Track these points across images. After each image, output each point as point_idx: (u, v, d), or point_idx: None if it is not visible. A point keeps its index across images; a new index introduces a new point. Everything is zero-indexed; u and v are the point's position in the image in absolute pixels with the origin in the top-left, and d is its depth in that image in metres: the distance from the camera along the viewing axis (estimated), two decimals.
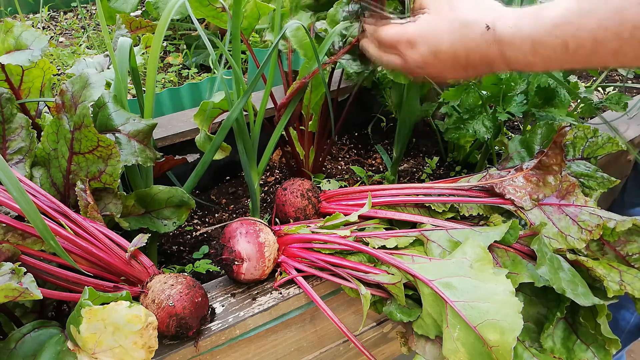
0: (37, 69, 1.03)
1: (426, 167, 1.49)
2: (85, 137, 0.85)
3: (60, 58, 2.14)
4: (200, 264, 1.12)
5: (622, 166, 1.47)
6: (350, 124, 1.70)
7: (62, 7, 2.97)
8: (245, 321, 0.89)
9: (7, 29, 0.98)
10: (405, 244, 0.92)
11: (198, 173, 1.01)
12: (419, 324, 0.82)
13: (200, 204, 1.37)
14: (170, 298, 0.79)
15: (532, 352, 0.80)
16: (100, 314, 0.69)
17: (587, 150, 1.01)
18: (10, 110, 0.93)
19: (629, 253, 0.90)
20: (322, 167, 1.40)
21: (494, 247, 0.88)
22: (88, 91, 0.85)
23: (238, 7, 0.91)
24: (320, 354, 1.07)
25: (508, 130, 1.68)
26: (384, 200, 1.03)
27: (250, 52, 1.27)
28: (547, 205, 0.97)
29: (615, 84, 1.82)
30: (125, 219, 0.95)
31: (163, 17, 0.85)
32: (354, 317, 1.06)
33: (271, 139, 1.08)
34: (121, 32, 1.18)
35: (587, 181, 1.00)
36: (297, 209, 1.07)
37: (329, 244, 0.94)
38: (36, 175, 0.93)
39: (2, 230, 0.80)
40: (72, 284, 0.81)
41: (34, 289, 0.68)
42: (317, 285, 0.95)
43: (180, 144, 1.36)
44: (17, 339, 0.74)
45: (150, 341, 0.74)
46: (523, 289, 0.86)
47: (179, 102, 1.63)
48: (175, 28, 2.40)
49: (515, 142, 1.09)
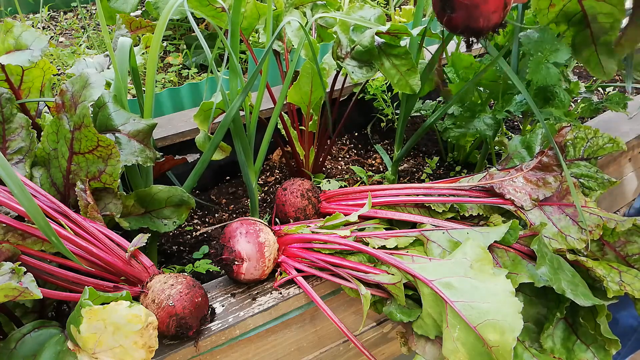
0: (37, 69, 1.03)
1: (426, 167, 1.49)
2: (85, 137, 0.85)
3: (60, 58, 2.14)
4: (200, 264, 1.12)
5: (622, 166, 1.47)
6: (351, 124, 1.70)
7: (62, 7, 2.97)
8: (245, 321, 0.89)
9: (7, 29, 0.98)
10: (405, 244, 0.92)
11: (198, 172, 1.01)
12: (419, 324, 0.82)
13: (200, 204, 1.37)
14: (170, 298, 0.79)
15: (532, 352, 0.80)
16: (100, 314, 0.69)
17: (588, 151, 1.01)
18: (10, 110, 0.93)
19: (629, 253, 0.90)
20: (322, 167, 1.40)
21: (494, 247, 0.88)
22: (88, 91, 0.85)
23: (238, 4, 0.91)
24: (320, 354, 1.07)
25: (508, 130, 1.68)
26: (384, 200, 1.03)
27: (250, 51, 1.27)
28: (547, 205, 0.97)
29: (616, 84, 1.82)
30: (125, 218, 0.95)
31: (162, 16, 0.85)
32: (354, 317, 1.06)
33: (265, 136, 1.08)
34: (121, 32, 1.18)
35: (587, 182, 1.00)
36: (297, 209, 1.07)
37: (329, 244, 0.94)
38: (36, 175, 0.93)
39: (2, 230, 0.80)
40: (72, 284, 0.81)
41: (34, 289, 0.68)
42: (317, 285, 0.95)
43: (180, 144, 1.36)
44: (17, 339, 0.74)
45: (150, 341, 0.74)
46: (523, 289, 0.86)
47: (179, 102, 1.63)
48: (175, 28, 2.40)
49: (515, 142, 1.09)
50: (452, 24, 0.84)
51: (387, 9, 2.66)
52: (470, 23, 0.81)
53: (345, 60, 1.14)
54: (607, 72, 1.04)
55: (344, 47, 1.15)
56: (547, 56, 1.06)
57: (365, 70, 1.12)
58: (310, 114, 1.25)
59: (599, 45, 1.02)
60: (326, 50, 1.69)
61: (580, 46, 1.05)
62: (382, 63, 1.11)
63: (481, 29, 0.82)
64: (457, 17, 0.82)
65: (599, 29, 1.00)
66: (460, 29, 0.84)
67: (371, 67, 1.12)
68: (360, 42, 1.10)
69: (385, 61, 1.10)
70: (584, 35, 1.03)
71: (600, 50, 1.02)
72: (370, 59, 1.11)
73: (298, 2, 1.37)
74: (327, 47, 1.69)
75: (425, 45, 1.32)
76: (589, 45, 1.03)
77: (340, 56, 1.15)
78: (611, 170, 1.43)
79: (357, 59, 1.12)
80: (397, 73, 1.10)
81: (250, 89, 0.95)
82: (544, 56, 1.06)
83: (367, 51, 1.09)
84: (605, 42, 1.01)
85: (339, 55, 1.15)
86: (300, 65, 1.18)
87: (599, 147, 1.00)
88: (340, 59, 1.15)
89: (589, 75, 2.10)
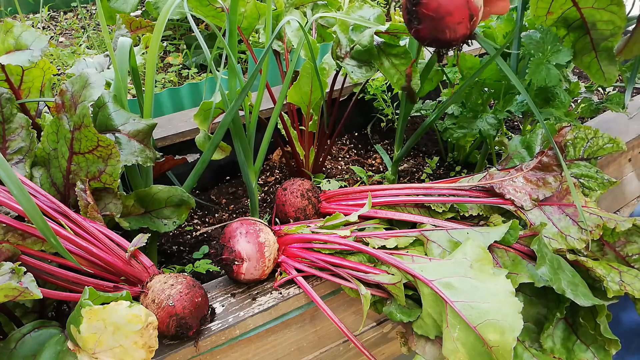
0: (37, 69, 1.03)
1: (426, 167, 1.49)
2: (85, 137, 0.85)
3: (60, 58, 2.14)
4: (200, 264, 1.12)
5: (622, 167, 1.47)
6: (351, 124, 1.70)
7: (62, 7, 2.97)
8: (245, 321, 0.89)
9: (7, 29, 0.98)
10: (405, 244, 0.92)
11: (198, 172, 1.01)
12: (419, 324, 0.82)
13: (200, 204, 1.37)
14: (170, 298, 0.79)
15: (532, 352, 0.80)
16: (100, 314, 0.69)
17: (588, 151, 1.01)
18: (10, 110, 0.93)
19: (629, 253, 0.90)
20: (322, 167, 1.40)
21: (494, 247, 0.88)
22: (88, 91, 0.85)
23: (235, 3, 0.91)
24: (320, 354, 1.07)
25: (508, 130, 1.68)
26: (384, 200, 1.03)
27: (250, 51, 1.27)
28: (547, 205, 0.97)
29: (616, 84, 1.82)
30: (125, 218, 0.95)
31: (161, 16, 0.85)
32: (354, 317, 1.06)
33: (265, 136, 1.08)
34: (121, 32, 1.18)
35: (587, 182, 0.99)
36: (297, 209, 1.07)
37: (329, 244, 0.94)
38: (36, 175, 0.93)
39: (2, 230, 0.80)
40: (72, 284, 0.81)
41: (33, 289, 0.68)
42: (317, 285, 0.95)
43: (180, 144, 1.36)
44: (17, 339, 0.74)
45: (150, 341, 0.74)
46: (523, 289, 0.86)
47: (179, 102, 1.63)
48: (175, 28, 2.40)
49: (515, 142, 1.09)
50: (419, 35, 0.84)
51: (387, 9, 2.66)
52: (437, 35, 0.81)
53: (345, 60, 1.14)
54: (608, 78, 1.04)
55: (344, 47, 1.15)
56: (547, 57, 1.06)
57: (364, 70, 1.12)
58: (310, 114, 1.25)
59: (599, 52, 1.02)
60: (326, 50, 1.69)
61: (580, 52, 1.05)
62: (382, 62, 1.11)
63: (448, 40, 0.82)
64: (424, 29, 0.82)
65: (599, 36, 1.00)
66: (428, 41, 0.84)
67: (370, 67, 1.12)
68: (360, 41, 1.10)
69: (384, 61, 1.10)
70: (584, 41, 1.03)
71: (601, 56, 1.02)
72: (370, 58, 1.12)
73: (298, 2, 1.37)
74: (328, 47, 1.69)
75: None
76: (589, 51, 1.03)
77: (339, 56, 1.15)
78: (611, 170, 1.43)
79: (356, 58, 1.13)
80: (397, 72, 1.10)
81: (249, 89, 0.95)
82: (545, 57, 1.06)
83: (367, 51, 1.09)
84: (606, 48, 1.01)
85: (339, 55, 1.15)
86: (300, 65, 1.18)
87: (599, 147, 1.00)
88: (340, 59, 1.15)
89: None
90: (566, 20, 1.01)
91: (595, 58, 1.03)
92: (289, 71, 1.02)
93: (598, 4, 0.95)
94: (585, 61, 1.05)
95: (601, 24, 0.97)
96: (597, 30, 0.99)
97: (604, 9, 0.95)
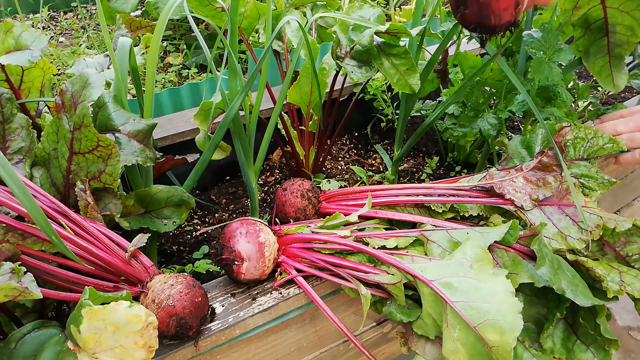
0: (37, 69, 1.03)
1: (426, 167, 1.49)
2: (85, 137, 0.85)
3: (60, 58, 2.14)
4: (200, 264, 1.12)
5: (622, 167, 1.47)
6: (351, 124, 1.70)
7: (62, 7, 2.97)
8: (245, 321, 0.89)
9: (7, 29, 0.98)
10: (405, 244, 0.92)
11: (198, 171, 1.01)
12: (419, 324, 0.82)
13: (200, 204, 1.37)
14: (170, 298, 0.79)
15: (532, 353, 0.80)
16: (100, 314, 0.69)
17: (588, 151, 1.01)
18: (10, 110, 0.93)
19: (629, 253, 0.90)
20: (322, 167, 1.40)
21: (494, 247, 0.88)
22: (88, 91, 0.85)
23: (235, 3, 0.91)
24: (320, 354, 1.07)
25: (508, 130, 1.68)
26: (384, 201, 1.03)
27: (250, 51, 1.27)
28: (547, 205, 0.97)
29: None
30: (125, 218, 0.95)
31: (161, 16, 0.85)
32: (354, 317, 1.06)
33: (265, 136, 1.08)
34: (121, 32, 1.18)
35: (587, 182, 0.99)
36: (297, 209, 1.07)
37: (329, 244, 0.94)
38: (36, 175, 0.93)
39: (2, 230, 0.80)
40: (72, 284, 0.81)
41: (33, 289, 0.68)
42: (317, 285, 0.95)
43: (180, 144, 1.36)
44: (17, 339, 0.74)
45: (150, 341, 0.74)
46: (523, 289, 0.86)
47: (179, 102, 1.63)
48: (175, 28, 2.40)
49: (515, 142, 1.09)
50: (465, 20, 0.85)
51: (387, 9, 2.66)
52: (482, 20, 0.83)
53: (345, 60, 1.14)
54: (616, 85, 1.04)
55: (344, 47, 1.15)
56: (550, 56, 1.06)
57: (364, 70, 1.12)
58: (310, 114, 1.25)
59: (613, 57, 1.02)
60: (326, 50, 1.69)
61: (594, 55, 1.05)
62: (382, 63, 1.11)
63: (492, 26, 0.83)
64: (470, 14, 0.83)
65: (616, 40, 1.00)
66: (472, 25, 0.85)
67: (370, 67, 1.12)
68: (360, 41, 1.10)
69: (384, 61, 1.10)
70: (600, 44, 1.03)
71: (614, 62, 1.03)
72: (370, 58, 1.11)
73: (298, 2, 1.37)
74: (328, 47, 1.69)
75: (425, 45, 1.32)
76: (604, 55, 1.03)
77: (339, 56, 1.15)
78: (611, 170, 1.43)
79: (356, 58, 1.12)
80: (397, 73, 1.10)
81: (249, 89, 0.95)
82: (547, 55, 1.06)
83: (366, 51, 1.09)
84: (618, 54, 1.01)
85: (339, 55, 1.15)
86: (300, 65, 1.18)
87: (599, 147, 1.00)
88: (340, 59, 1.15)
89: (588, 75, 2.10)
90: (587, 20, 1.01)
91: (608, 63, 1.03)
92: (289, 71, 1.02)
93: (624, 7, 0.95)
94: (597, 65, 1.05)
95: (621, 27, 0.98)
96: (615, 34, 0.99)
97: (627, 13, 0.95)
